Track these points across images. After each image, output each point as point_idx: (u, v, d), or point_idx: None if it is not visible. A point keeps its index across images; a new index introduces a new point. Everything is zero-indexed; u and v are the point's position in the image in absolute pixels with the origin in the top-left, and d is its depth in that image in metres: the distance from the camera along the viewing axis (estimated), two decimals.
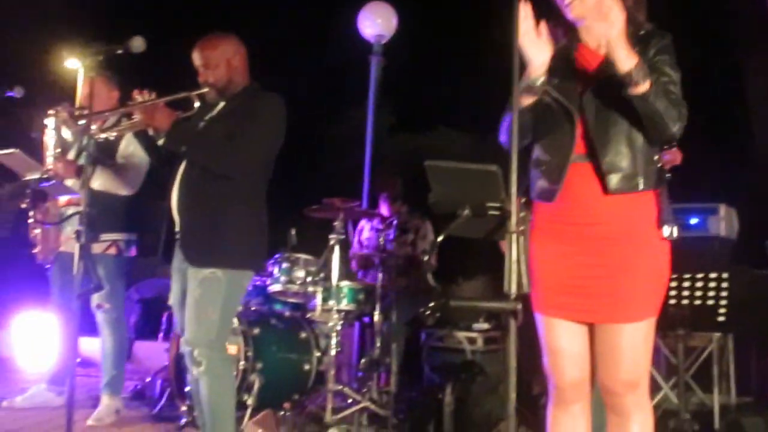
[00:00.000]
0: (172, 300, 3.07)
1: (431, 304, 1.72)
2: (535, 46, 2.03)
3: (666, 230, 2.11)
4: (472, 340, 4.61)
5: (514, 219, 1.74)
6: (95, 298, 3.97)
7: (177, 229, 2.96)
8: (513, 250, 1.73)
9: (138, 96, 2.81)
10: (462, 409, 3.81)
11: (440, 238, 1.77)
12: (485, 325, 4.71)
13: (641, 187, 2.12)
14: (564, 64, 2.15)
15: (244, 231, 2.92)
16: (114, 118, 3.49)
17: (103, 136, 2.77)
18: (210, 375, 2.84)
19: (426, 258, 1.68)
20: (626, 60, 1.97)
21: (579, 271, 2.16)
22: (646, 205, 2.15)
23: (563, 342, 2.21)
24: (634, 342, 2.12)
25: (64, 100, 4.19)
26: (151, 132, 2.89)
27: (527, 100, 2.11)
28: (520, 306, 1.71)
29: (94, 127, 2.74)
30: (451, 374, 4.12)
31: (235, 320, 3.79)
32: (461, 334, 4.62)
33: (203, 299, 2.82)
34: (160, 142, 2.88)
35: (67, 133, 3.75)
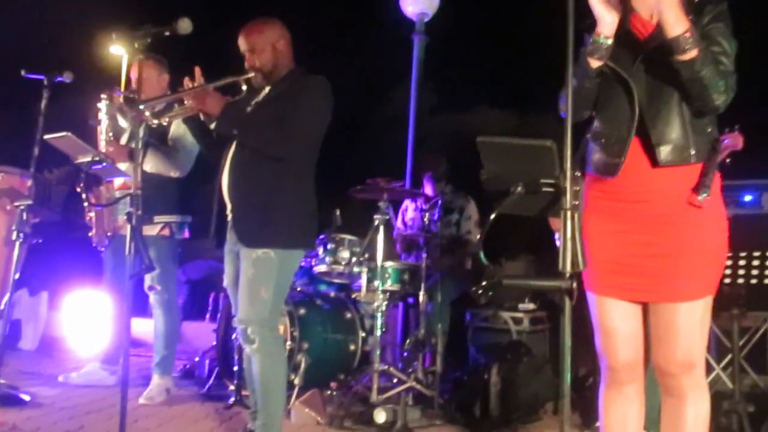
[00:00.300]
0: (226, 281, 3.11)
1: (483, 283, 1.69)
2: (605, 2, 1.97)
3: (700, 196, 2.03)
4: (517, 320, 4.56)
5: (569, 195, 1.70)
6: (147, 280, 4.04)
7: (228, 211, 2.99)
8: (568, 227, 1.69)
9: (189, 83, 2.83)
10: (508, 389, 3.79)
11: (493, 216, 1.73)
12: (531, 306, 4.66)
13: (693, 159, 2.05)
14: (618, 34, 2.08)
15: (295, 211, 2.94)
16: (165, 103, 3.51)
17: (155, 122, 2.80)
18: (262, 353, 2.88)
19: (477, 237, 1.65)
20: (676, 25, 1.90)
21: (633, 250, 2.11)
22: None
23: (617, 322, 2.17)
24: (691, 321, 2.07)
25: (113, 85, 4.26)
26: (202, 117, 2.91)
27: (595, 63, 2.05)
28: (575, 284, 1.67)
29: (147, 112, 2.76)
30: (496, 355, 4.09)
31: None
32: (507, 315, 4.57)
33: (256, 279, 2.85)
34: (212, 126, 2.91)
35: (119, 118, 3.80)
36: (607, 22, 1.99)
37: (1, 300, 4.18)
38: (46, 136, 3.46)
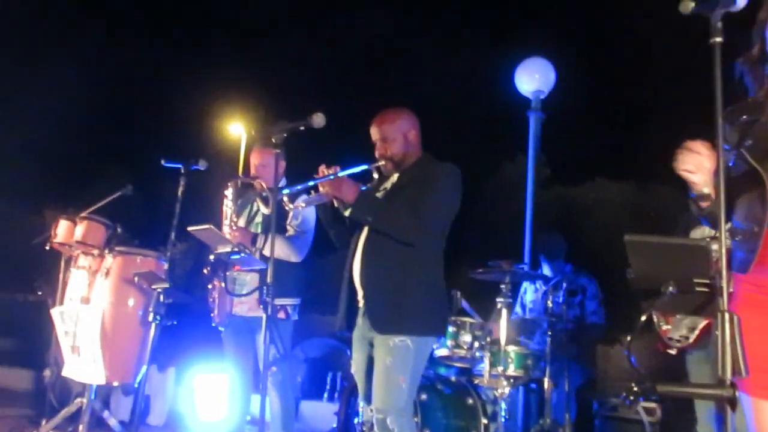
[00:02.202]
0: (354, 367, 3.12)
1: (634, 389, 1.60)
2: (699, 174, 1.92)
3: None
4: (650, 411, 4.29)
5: (725, 296, 1.59)
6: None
7: (360, 297, 3.01)
8: (726, 330, 1.58)
9: (324, 170, 2.92)
10: None
11: (644, 318, 1.64)
12: None
13: None
14: (756, 122, 1.97)
15: (428, 297, 2.95)
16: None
17: (292, 206, 2.89)
18: None
19: (628, 338, 1.56)
20: None
21: None
22: None
23: None
24: None
25: (237, 172, 4.45)
26: (335, 204, 2.98)
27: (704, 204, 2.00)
28: (737, 393, 1.55)
29: (285, 198, 2.87)
30: None
31: None
32: (639, 404, 4.31)
33: (394, 367, 2.84)
34: (346, 213, 2.96)
35: (259, 203, 3.90)
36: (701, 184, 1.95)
37: (135, 377, 4.37)
38: (189, 228, 3.63)
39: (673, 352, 3.33)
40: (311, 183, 2.88)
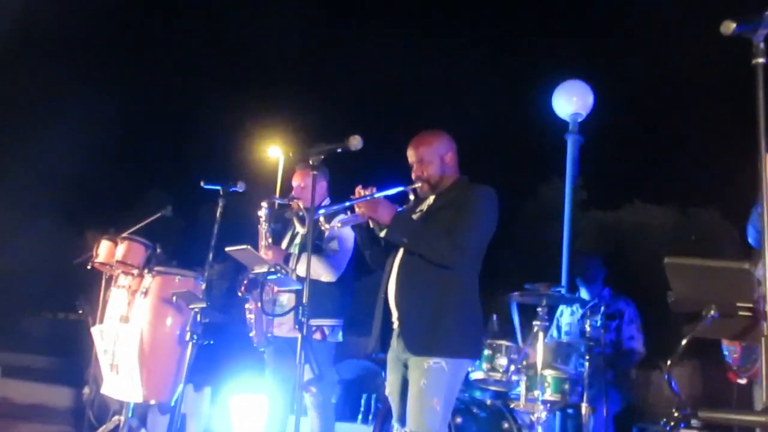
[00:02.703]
0: (389, 389, 3.11)
1: (675, 415, 1.56)
2: None
3: None
4: None
5: None
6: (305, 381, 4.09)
7: (395, 318, 3.00)
8: None
9: (360, 191, 2.94)
10: None
11: (685, 342, 1.61)
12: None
13: None
14: None
15: (464, 319, 2.94)
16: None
17: (328, 227, 2.91)
18: None
19: (668, 363, 1.53)
20: None
21: None
22: None
23: None
24: None
25: (272, 192, 4.51)
26: (371, 225, 2.99)
27: None
28: None
29: (321, 218, 2.89)
30: None
31: None
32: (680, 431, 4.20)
33: (429, 389, 2.83)
34: (381, 234, 2.97)
35: (296, 223, 3.94)
36: None
37: (172, 395, 4.41)
38: (227, 249, 3.68)
39: (742, 381, 3.19)
40: (347, 203, 2.90)
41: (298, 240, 4.26)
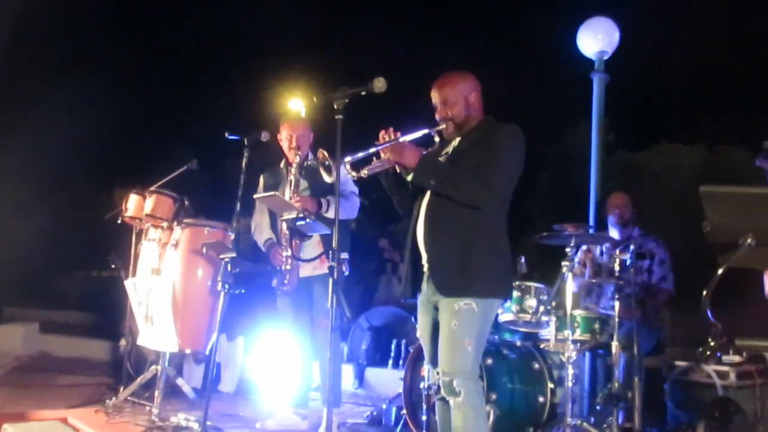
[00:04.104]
0: (420, 332, 3.13)
1: (710, 343, 1.55)
2: None
3: None
4: (722, 374, 4.16)
5: None
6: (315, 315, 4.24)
7: (425, 261, 3.00)
8: None
9: (384, 135, 2.91)
10: None
11: (720, 271, 1.59)
12: (737, 358, 4.24)
13: None
14: None
15: (493, 260, 2.92)
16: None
17: (355, 174, 2.89)
18: (468, 405, 2.85)
19: (704, 293, 1.50)
20: None
21: None
22: None
23: None
24: None
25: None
26: (398, 169, 2.98)
27: None
28: None
29: (348, 167, 2.87)
30: (701, 412, 3.77)
31: None
32: (710, 368, 4.20)
33: (460, 330, 2.84)
34: (409, 178, 2.94)
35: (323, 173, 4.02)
36: None
37: (206, 345, 4.50)
38: (255, 196, 3.70)
39: None
40: (372, 150, 2.88)
41: (303, 187, 4.30)
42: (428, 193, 3.00)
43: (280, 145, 4.48)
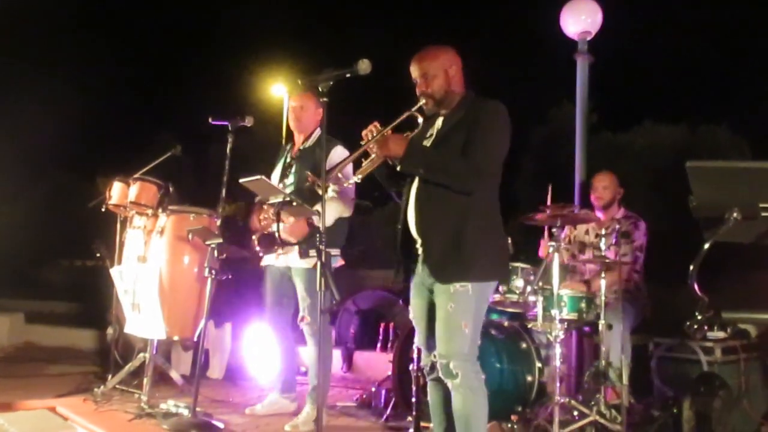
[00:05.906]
0: (413, 314, 3.12)
1: (698, 317, 1.57)
2: None
3: None
4: (707, 350, 4.21)
5: None
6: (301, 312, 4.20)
7: (418, 245, 2.98)
8: None
9: (368, 134, 2.88)
10: (703, 425, 3.52)
11: (706, 246, 1.61)
12: (721, 334, 4.30)
13: None
14: None
15: (486, 242, 2.90)
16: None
17: (349, 182, 2.87)
18: (465, 387, 2.87)
19: (691, 268, 1.52)
20: None
21: None
22: None
23: None
24: None
25: (279, 133, 4.50)
26: (390, 161, 2.96)
27: None
28: None
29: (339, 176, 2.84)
30: (687, 387, 3.82)
31: None
32: (695, 344, 4.25)
33: (456, 313, 2.84)
34: (398, 168, 2.92)
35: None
36: None
37: (194, 332, 4.49)
38: (241, 180, 3.67)
39: None
40: (358, 153, 2.86)
41: (290, 181, 4.23)
42: (417, 178, 2.97)
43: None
